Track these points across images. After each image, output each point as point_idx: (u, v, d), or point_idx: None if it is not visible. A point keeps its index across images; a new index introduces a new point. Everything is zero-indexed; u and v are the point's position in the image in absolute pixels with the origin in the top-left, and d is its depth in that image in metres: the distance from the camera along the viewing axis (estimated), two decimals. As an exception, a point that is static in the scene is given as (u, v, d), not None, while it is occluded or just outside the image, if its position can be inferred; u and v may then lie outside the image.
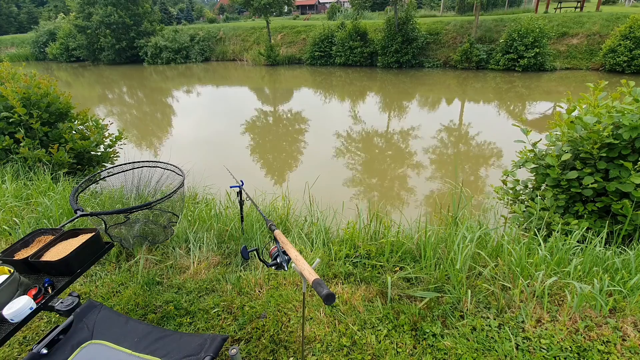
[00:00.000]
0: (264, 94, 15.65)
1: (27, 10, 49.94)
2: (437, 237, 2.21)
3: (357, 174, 6.53)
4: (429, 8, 30.37)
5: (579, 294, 1.67)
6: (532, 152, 2.84)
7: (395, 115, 11.05)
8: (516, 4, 24.62)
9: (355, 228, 2.43)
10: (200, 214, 2.90)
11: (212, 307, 1.84)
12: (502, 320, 1.65)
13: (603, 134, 2.31)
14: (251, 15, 27.71)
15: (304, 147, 8.38)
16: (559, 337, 1.53)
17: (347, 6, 30.39)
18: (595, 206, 2.43)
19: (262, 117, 11.39)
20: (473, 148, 7.82)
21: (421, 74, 17.03)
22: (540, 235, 2.15)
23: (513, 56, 15.50)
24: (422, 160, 6.99)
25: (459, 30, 18.13)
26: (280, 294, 1.90)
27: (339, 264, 2.12)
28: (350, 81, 16.79)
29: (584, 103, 2.69)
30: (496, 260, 2.01)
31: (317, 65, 20.66)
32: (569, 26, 16.44)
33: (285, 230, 2.68)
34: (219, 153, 7.61)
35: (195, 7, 47.61)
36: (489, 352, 1.49)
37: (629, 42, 13.45)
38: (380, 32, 18.65)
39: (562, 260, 1.99)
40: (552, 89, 13.07)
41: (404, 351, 1.52)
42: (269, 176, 6.61)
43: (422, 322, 1.65)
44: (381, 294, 1.87)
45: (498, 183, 3.19)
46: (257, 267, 2.16)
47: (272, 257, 1.17)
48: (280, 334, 1.64)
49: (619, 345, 1.48)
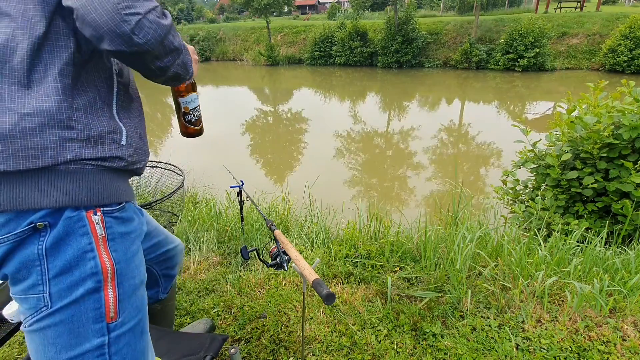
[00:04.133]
0: (264, 94, 15.67)
1: (27, 10, 49.85)
2: (437, 237, 2.21)
3: (357, 174, 6.53)
4: (429, 8, 30.40)
5: (579, 294, 1.67)
6: (532, 152, 2.84)
7: (395, 115, 11.06)
8: (516, 3, 24.64)
9: (355, 228, 2.43)
10: (200, 214, 2.90)
11: (212, 307, 1.84)
12: (502, 320, 1.65)
13: (603, 134, 2.31)
14: (251, 15, 27.71)
15: (304, 147, 8.38)
16: (559, 337, 1.53)
17: (347, 6, 30.39)
18: (595, 206, 2.43)
19: (262, 117, 11.40)
20: (473, 148, 7.82)
21: (421, 74, 17.04)
22: (540, 235, 2.15)
23: (513, 56, 15.50)
24: (422, 161, 6.99)
25: (459, 30, 18.14)
26: (280, 294, 1.90)
27: (339, 264, 2.12)
28: (350, 81, 16.81)
29: (584, 103, 2.69)
30: (496, 260, 2.01)
31: (317, 65, 20.67)
32: (569, 26, 16.44)
33: (285, 230, 2.68)
34: (219, 153, 7.61)
35: (195, 7, 47.61)
36: (489, 352, 1.49)
37: (629, 42, 13.45)
38: (380, 32, 18.65)
39: (562, 260, 1.99)
40: (552, 89, 13.08)
41: (404, 351, 1.52)
42: (269, 176, 6.62)
43: (422, 322, 1.65)
44: (381, 294, 1.87)
45: (498, 183, 3.19)
46: (257, 267, 2.16)
47: (272, 257, 1.17)
48: (280, 334, 1.64)
49: (619, 345, 1.48)
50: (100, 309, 0.71)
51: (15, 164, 0.63)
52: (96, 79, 0.73)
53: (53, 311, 0.68)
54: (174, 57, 0.71)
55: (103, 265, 0.71)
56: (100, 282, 0.71)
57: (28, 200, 0.65)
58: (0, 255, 0.66)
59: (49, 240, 0.67)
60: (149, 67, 0.69)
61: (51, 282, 0.68)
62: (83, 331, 0.70)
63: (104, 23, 0.58)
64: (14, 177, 0.64)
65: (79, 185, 0.69)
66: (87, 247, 0.70)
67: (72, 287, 0.69)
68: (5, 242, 0.66)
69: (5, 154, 0.62)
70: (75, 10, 0.59)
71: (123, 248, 0.76)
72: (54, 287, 0.68)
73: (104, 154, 0.71)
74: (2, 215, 0.65)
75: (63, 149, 0.66)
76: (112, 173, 0.74)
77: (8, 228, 0.65)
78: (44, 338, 0.70)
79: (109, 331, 0.73)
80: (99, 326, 0.71)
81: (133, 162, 0.78)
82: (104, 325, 0.72)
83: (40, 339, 0.70)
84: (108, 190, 0.73)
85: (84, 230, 0.70)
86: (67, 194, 0.67)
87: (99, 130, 0.71)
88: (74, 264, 0.69)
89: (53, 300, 0.68)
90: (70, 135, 0.67)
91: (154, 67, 0.69)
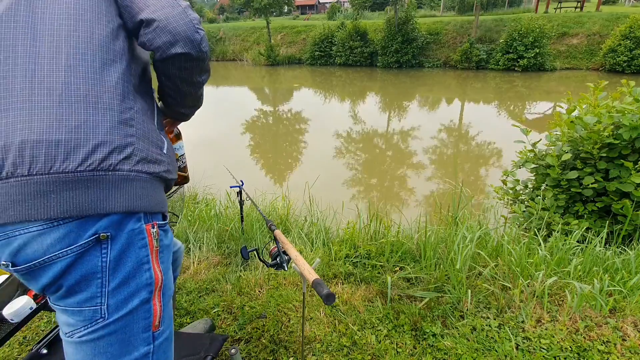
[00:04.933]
0: (264, 94, 15.67)
1: (27, 10, 49.88)
2: (437, 237, 2.21)
3: (357, 174, 6.53)
4: (429, 8, 30.37)
5: (579, 294, 1.67)
6: (532, 152, 2.84)
7: (395, 116, 11.06)
8: (516, 3, 24.62)
9: (355, 228, 2.43)
10: (200, 214, 2.90)
11: (212, 307, 1.84)
12: (502, 320, 1.65)
13: (603, 134, 2.31)
14: (251, 16, 27.71)
15: (304, 147, 8.38)
16: (559, 337, 1.53)
17: (347, 6, 30.37)
18: (596, 206, 2.43)
19: (262, 117, 11.40)
20: (473, 148, 7.82)
21: (421, 74, 17.03)
22: (540, 235, 2.15)
23: (513, 56, 15.50)
24: (422, 160, 6.99)
25: (459, 30, 18.13)
26: (280, 294, 1.90)
27: (339, 264, 2.12)
28: (350, 81, 16.80)
29: (584, 103, 2.69)
30: (496, 260, 2.01)
31: (317, 65, 20.66)
32: (569, 26, 16.44)
33: (285, 230, 2.68)
34: (219, 153, 7.61)
35: (195, 7, 47.61)
36: (489, 352, 1.49)
37: (629, 42, 13.45)
38: (380, 32, 18.65)
39: (562, 260, 1.99)
40: (552, 89, 13.08)
41: (404, 351, 1.52)
42: (269, 176, 6.61)
43: (422, 322, 1.65)
44: (381, 294, 1.87)
45: (498, 183, 3.19)
46: (257, 267, 2.16)
47: (272, 257, 1.17)
48: (280, 334, 1.64)
49: (619, 345, 1.48)
50: (149, 319, 0.73)
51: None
52: (145, 94, 0.81)
53: (109, 323, 0.69)
54: (207, 76, 0.88)
55: (156, 276, 0.73)
56: (152, 292, 0.73)
57: (94, 205, 0.64)
58: (62, 268, 0.64)
59: (112, 253, 0.67)
60: (195, 78, 0.84)
61: (110, 295, 0.68)
62: (133, 340, 0.72)
63: (182, 31, 0.72)
64: (78, 182, 0.64)
65: (140, 192, 0.70)
66: (145, 259, 0.71)
67: (129, 299, 0.70)
68: (67, 256, 0.64)
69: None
70: (157, 22, 0.71)
71: (167, 260, 0.79)
72: (112, 299, 0.68)
73: (154, 158, 0.75)
74: (62, 227, 0.63)
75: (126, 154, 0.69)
76: (159, 181, 0.77)
77: (68, 240, 0.63)
78: (95, 348, 0.70)
79: (154, 340, 0.75)
80: (147, 335, 0.74)
81: (170, 170, 0.81)
82: (150, 334, 0.74)
83: (91, 349, 0.70)
84: (159, 197, 0.76)
85: (143, 242, 0.71)
86: (132, 199, 0.69)
87: (153, 137, 0.76)
88: (131, 275, 0.69)
89: (110, 311, 0.68)
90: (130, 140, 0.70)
91: (197, 80, 0.85)
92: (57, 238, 0.63)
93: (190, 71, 0.80)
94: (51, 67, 0.65)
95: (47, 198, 0.60)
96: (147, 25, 0.71)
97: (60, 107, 0.63)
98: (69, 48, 0.67)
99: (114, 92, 0.69)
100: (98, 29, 0.70)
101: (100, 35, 0.70)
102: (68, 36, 0.67)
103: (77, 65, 0.66)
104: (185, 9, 0.73)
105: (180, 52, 0.73)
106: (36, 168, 0.60)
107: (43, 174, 0.60)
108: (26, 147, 0.60)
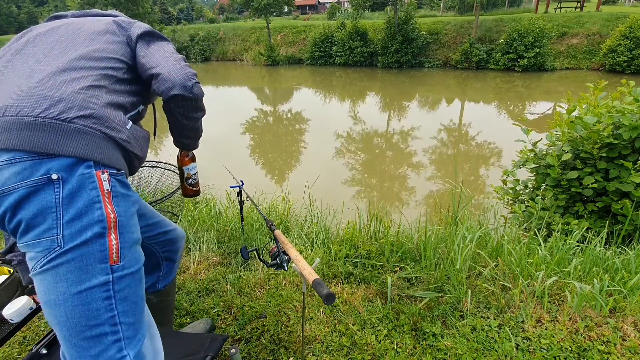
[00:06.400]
0: (264, 94, 15.67)
1: (27, 10, 49.93)
2: (437, 237, 2.21)
3: (357, 174, 6.53)
4: (429, 8, 30.40)
5: (579, 294, 1.67)
6: (532, 152, 2.84)
7: (395, 115, 11.06)
8: (516, 3, 24.64)
9: (355, 228, 2.43)
10: (200, 214, 2.90)
11: (212, 307, 1.84)
12: (502, 320, 1.65)
13: (603, 134, 2.31)
14: (251, 16, 27.71)
15: (304, 147, 8.38)
16: (559, 337, 1.53)
17: (347, 6, 30.38)
18: (596, 206, 2.43)
19: (262, 117, 11.40)
20: (473, 148, 7.82)
21: (421, 74, 17.03)
22: (540, 235, 2.15)
23: (513, 56, 15.49)
24: (422, 160, 6.99)
25: (459, 30, 18.13)
26: (280, 294, 1.90)
27: (339, 264, 2.12)
28: (350, 81, 16.80)
29: (584, 103, 2.69)
30: (496, 260, 2.01)
31: (317, 65, 20.65)
32: (569, 26, 16.43)
33: (285, 230, 2.68)
34: (219, 153, 7.61)
35: (195, 7, 47.64)
36: (489, 352, 1.49)
37: (629, 42, 13.44)
38: (380, 32, 18.64)
39: (562, 260, 1.99)
40: (552, 89, 13.08)
41: (404, 351, 1.52)
42: (269, 176, 6.62)
43: (422, 322, 1.65)
44: (381, 294, 1.87)
45: (498, 183, 3.19)
46: (257, 267, 2.16)
47: (272, 257, 1.17)
48: (280, 334, 1.64)
49: (619, 345, 1.48)
50: (104, 252, 0.84)
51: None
52: (127, 101, 1.01)
53: (65, 250, 0.80)
54: (202, 113, 1.12)
55: (107, 215, 0.84)
56: (105, 228, 0.83)
57: (46, 146, 0.78)
58: (16, 199, 0.77)
59: (65, 191, 0.80)
60: (190, 114, 1.07)
61: (64, 226, 0.79)
62: (91, 269, 0.82)
63: (179, 80, 0.97)
64: (38, 126, 0.79)
65: (92, 144, 0.84)
66: (96, 198, 0.83)
67: (82, 230, 0.81)
68: (21, 188, 0.77)
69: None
70: (162, 75, 0.96)
71: (124, 206, 0.90)
72: (67, 230, 0.80)
73: (113, 126, 0.89)
74: (19, 164, 0.77)
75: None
76: (114, 145, 0.90)
77: (22, 175, 0.77)
78: (55, 275, 0.80)
79: (112, 272, 0.85)
80: (104, 266, 0.84)
81: (130, 143, 0.94)
82: (107, 266, 0.84)
83: (52, 276, 0.80)
84: (113, 155, 0.89)
85: (93, 185, 0.83)
86: (82, 148, 0.82)
87: (115, 116, 0.91)
88: (84, 211, 0.81)
89: (65, 240, 0.79)
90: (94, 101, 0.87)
91: (192, 115, 1.08)
92: (13, 172, 0.77)
93: (186, 109, 1.04)
94: (52, 58, 0.90)
95: (10, 133, 0.78)
96: (156, 78, 0.97)
97: (42, 78, 0.84)
98: (68, 54, 0.92)
99: (87, 79, 0.88)
100: (95, 45, 0.96)
101: (96, 47, 0.95)
102: (74, 45, 0.95)
103: (72, 60, 0.90)
104: (184, 67, 0.99)
105: (176, 94, 0.97)
106: (9, 111, 0.79)
107: (12, 116, 0.79)
108: (10, 97, 0.81)
